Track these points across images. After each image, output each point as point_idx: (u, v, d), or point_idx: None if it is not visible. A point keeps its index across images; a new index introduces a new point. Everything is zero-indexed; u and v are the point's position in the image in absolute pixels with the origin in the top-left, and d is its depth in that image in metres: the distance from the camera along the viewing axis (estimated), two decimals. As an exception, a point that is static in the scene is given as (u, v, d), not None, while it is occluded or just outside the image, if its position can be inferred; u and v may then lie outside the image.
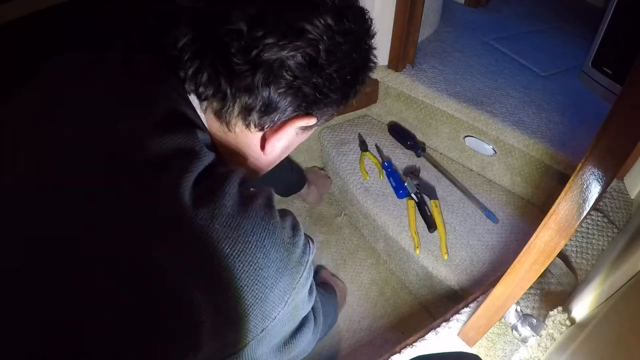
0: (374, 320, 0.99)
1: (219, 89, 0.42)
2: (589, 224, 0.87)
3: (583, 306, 0.67)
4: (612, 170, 0.43)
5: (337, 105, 0.49)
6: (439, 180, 1.07)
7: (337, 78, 0.44)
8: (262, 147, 0.48)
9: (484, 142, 1.03)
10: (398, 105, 1.16)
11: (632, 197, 0.92)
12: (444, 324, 0.73)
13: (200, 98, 0.43)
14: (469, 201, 1.01)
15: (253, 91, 0.42)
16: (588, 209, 0.45)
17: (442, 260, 0.89)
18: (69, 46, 0.46)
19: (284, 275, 0.40)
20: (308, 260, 0.43)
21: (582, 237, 0.85)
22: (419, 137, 1.17)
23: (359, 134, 1.17)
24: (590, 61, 1.13)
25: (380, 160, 1.10)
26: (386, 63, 1.11)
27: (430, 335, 0.72)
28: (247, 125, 0.44)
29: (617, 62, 1.07)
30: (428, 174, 1.08)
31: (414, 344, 0.71)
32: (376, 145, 1.15)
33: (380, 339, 0.96)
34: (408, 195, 1.01)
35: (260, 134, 0.47)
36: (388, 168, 1.06)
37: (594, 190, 0.44)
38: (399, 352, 0.69)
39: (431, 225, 0.95)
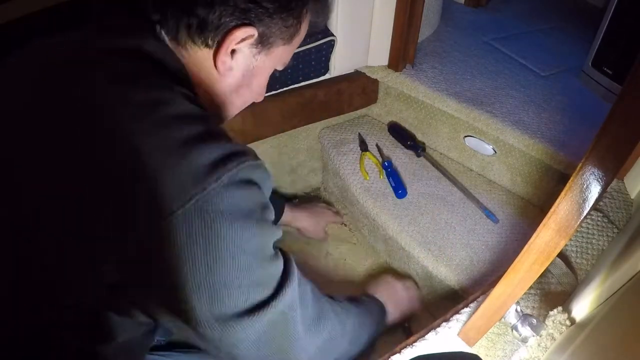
0: (374, 320, 0.99)
1: (164, 14, 0.46)
2: (589, 224, 0.87)
3: (583, 306, 0.67)
4: (612, 170, 0.43)
5: (284, 19, 0.49)
6: (439, 180, 1.07)
7: None
8: (216, 66, 0.50)
9: (484, 142, 1.03)
10: (398, 105, 1.16)
11: (632, 197, 0.92)
12: (444, 324, 0.73)
13: (157, 24, 0.47)
14: (469, 201, 1.01)
15: (187, 9, 0.45)
16: (588, 209, 0.45)
17: (442, 259, 0.89)
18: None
19: (172, 173, 0.38)
20: (223, 177, 0.39)
21: (582, 237, 0.85)
22: (419, 137, 1.17)
23: (359, 134, 1.17)
24: (590, 61, 1.13)
25: (381, 160, 1.10)
26: (386, 63, 1.11)
27: (430, 335, 0.72)
28: (195, 43, 0.47)
29: (617, 62, 1.06)
30: (428, 174, 1.08)
31: (414, 344, 0.71)
32: (376, 145, 1.14)
33: (380, 339, 0.96)
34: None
35: (211, 52, 0.48)
36: (388, 168, 1.06)
37: (594, 190, 0.44)
38: (399, 352, 0.69)
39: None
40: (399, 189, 1.01)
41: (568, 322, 0.68)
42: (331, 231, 1.15)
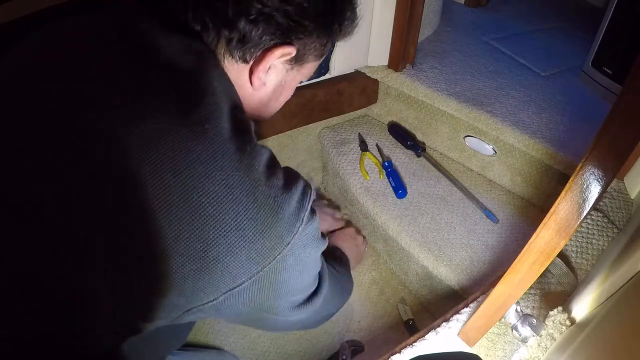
0: (374, 320, 0.99)
1: (205, 25, 0.45)
2: (589, 224, 0.87)
3: (583, 306, 0.67)
4: (612, 170, 0.43)
5: (320, 37, 0.49)
6: (439, 180, 1.07)
7: (308, 6, 0.45)
8: (251, 82, 0.49)
9: (484, 142, 1.03)
10: (398, 105, 1.16)
11: (632, 197, 0.92)
12: (444, 324, 0.73)
13: (197, 34, 0.45)
14: (469, 201, 1.01)
15: (229, 23, 0.44)
16: (588, 209, 0.45)
17: (442, 259, 0.89)
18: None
19: (269, 231, 0.41)
20: (304, 216, 0.44)
21: (582, 237, 0.85)
22: (419, 137, 1.17)
23: (359, 134, 1.17)
24: (590, 61, 1.13)
25: (381, 160, 1.10)
26: (386, 63, 1.11)
27: (430, 335, 0.72)
28: (233, 57, 0.46)
29: (617, 62, 1.06)
30: (428, 174, 1.08)
31: (414, 344, 0.71)
32: (376, 145, 1.15)
33: (380, 339, 0.96)
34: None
35: (247, 67, 0.48)
36: (388, 168, 1.06)
37: (594, 190, 0.44)
38: (399, 352, 0.69)
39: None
40: (399, 189, 1.01)
41: (568, 322, 0.68)
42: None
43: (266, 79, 0.50)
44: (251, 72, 0.48)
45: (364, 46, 1.08)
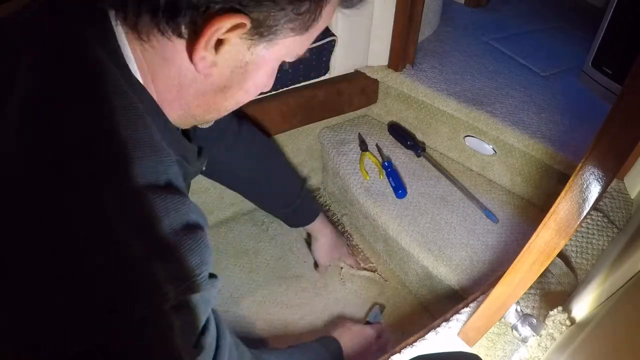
0: (374, 320, 0.99)
1: None
2: (589, 224, 0.87)
3: (583, 306, 0.67)
4: (612, 170, 0.43)
5: (289, 2, 0.37)
6: (439, 180, 1.07)
7: None
8: (194, 63, 0.39)
9: (484, 142, 1.03)
10: (398, 105, 1.16)
11: (632, 197, 0.92)
12: (444, 324, 0.73)
13: (111, 8, 0.36)
14: (469, 201, 1.01)
15: None
16: (588, 209, 0.45)
17: (442, 259, 0.89)
18: None
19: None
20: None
21: (582, 237, 0.85)
22: (419, 137, 1.17)
23: (359, 134, 1.17)
24: (590, 61, 1.13)
25: (381, 160, 1.10)
26: (386, 63, 1.11)
27: (430, 335, 0.72)
28: (162, 32, 0.36)
29: (617, 62, 1.06)
30: (428, 174, 1.08)
31: (414, 344, 0.71)
32: (376, 145, 1.15)
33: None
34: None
35: (184, 45, 0.37)
36: (388, 168, 1.07)
37: (594, 190, 0.44)
38: (399, 352, 0.69)
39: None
40: (399, 189, 1.01)
41: (568, 322, 0.68)
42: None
43: (215, 58, 0.38)
44: (192, 51, 0.37)
45: (364, 46, 1.08)
